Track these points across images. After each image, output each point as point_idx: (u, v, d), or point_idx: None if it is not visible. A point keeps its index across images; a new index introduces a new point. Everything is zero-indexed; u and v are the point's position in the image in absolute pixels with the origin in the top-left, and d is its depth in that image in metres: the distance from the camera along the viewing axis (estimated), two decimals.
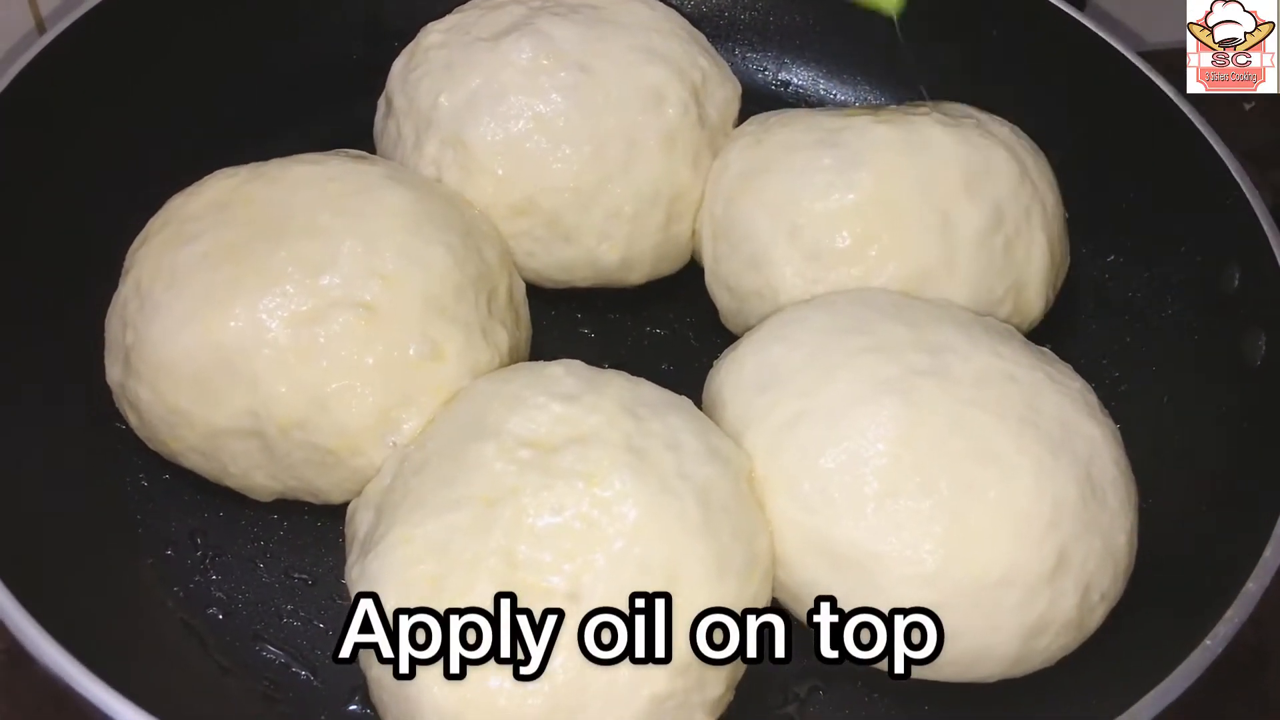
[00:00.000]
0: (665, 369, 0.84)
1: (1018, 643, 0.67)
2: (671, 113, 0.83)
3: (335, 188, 0.76)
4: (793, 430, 0.70)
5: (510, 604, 0.61)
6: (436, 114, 0.83)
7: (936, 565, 0.66)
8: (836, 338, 0.73)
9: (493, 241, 0.80)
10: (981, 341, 0.73)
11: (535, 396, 0.69)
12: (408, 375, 0.71)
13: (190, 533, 0.75)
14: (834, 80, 1.04)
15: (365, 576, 0.64)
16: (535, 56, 0.82)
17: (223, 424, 0.71)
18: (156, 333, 0.72)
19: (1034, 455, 0.68)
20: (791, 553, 0.69)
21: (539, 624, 0.61)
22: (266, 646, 0.71)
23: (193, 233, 0.74)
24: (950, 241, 0.78)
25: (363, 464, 0.71)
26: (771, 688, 0.71)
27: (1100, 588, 0.68)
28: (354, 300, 0.71)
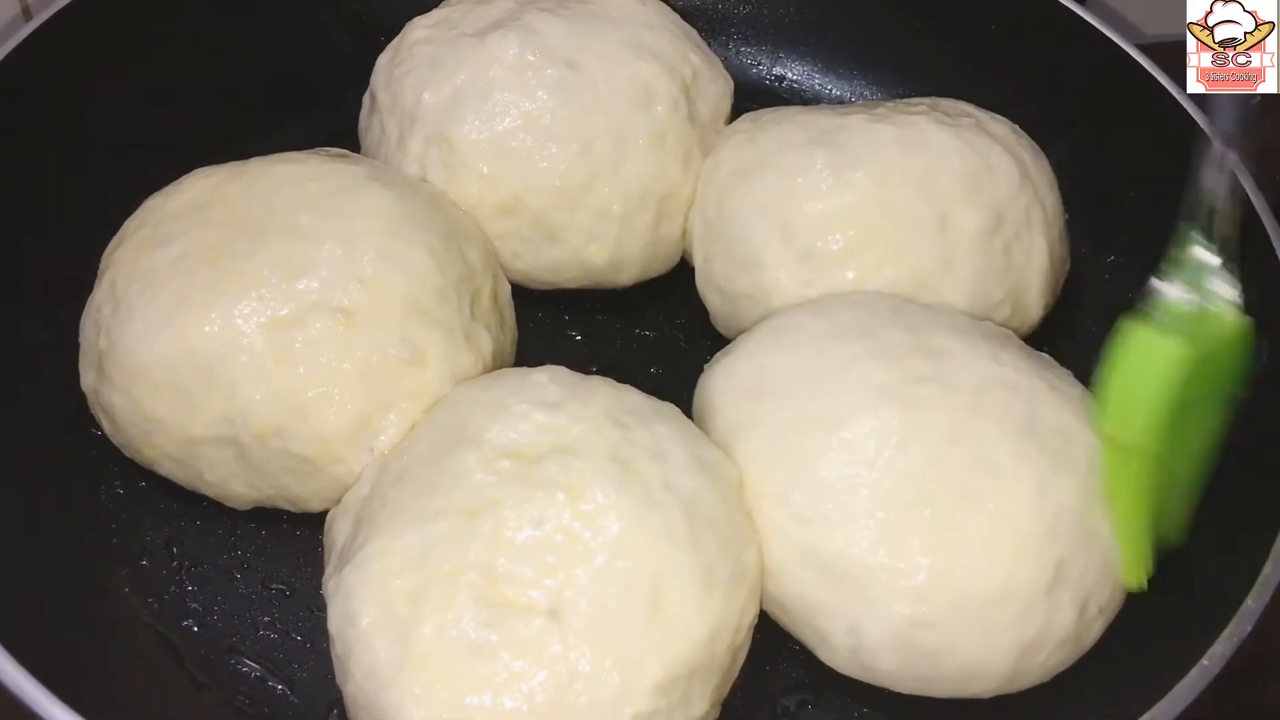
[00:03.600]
0: (654, 372, 0.83)
1: (1013, 658, 0.65)
2: (661, 110, 0.82)
3: (315, 188, 0.74)
4: (786, 438, 0.69)
5: (488, 620, 0.60)
6: (421, 111, 0.81)
7: (931, 578, 0.64)
8: (832, 343, 0.72)
9: (477, 242, 0.79)
10: (981, 347, 0.71)
11: (518, 404, 0.67)
12: (388, 381, 0.70)
13: (166, 542, 0.74)
14: (830, 75, 1.03)
15: (343, 589, 0.63)
16: (522, 52, 0.81)
17: (198, 431, 0.70)
18: (131, 338, 0.70)
19: (1033, 465, 0.66)
20: (781, 564, 0.67)
21: (519, 640, 0.59)
22: (243, 660, 0.70)
23: (169, 234, 0.73)
24: (948, 244, 0.77)
25: (341, 472, 0.70)
26: (760, 702, 0.69)
27: (1099, 602, 0.67)
28: (333, 304, 0.70)
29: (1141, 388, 0.63)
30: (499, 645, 0.60)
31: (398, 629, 0.60)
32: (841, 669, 0.68)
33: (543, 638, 0.60)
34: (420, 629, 0.60)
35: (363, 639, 0.61)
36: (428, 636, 0.60)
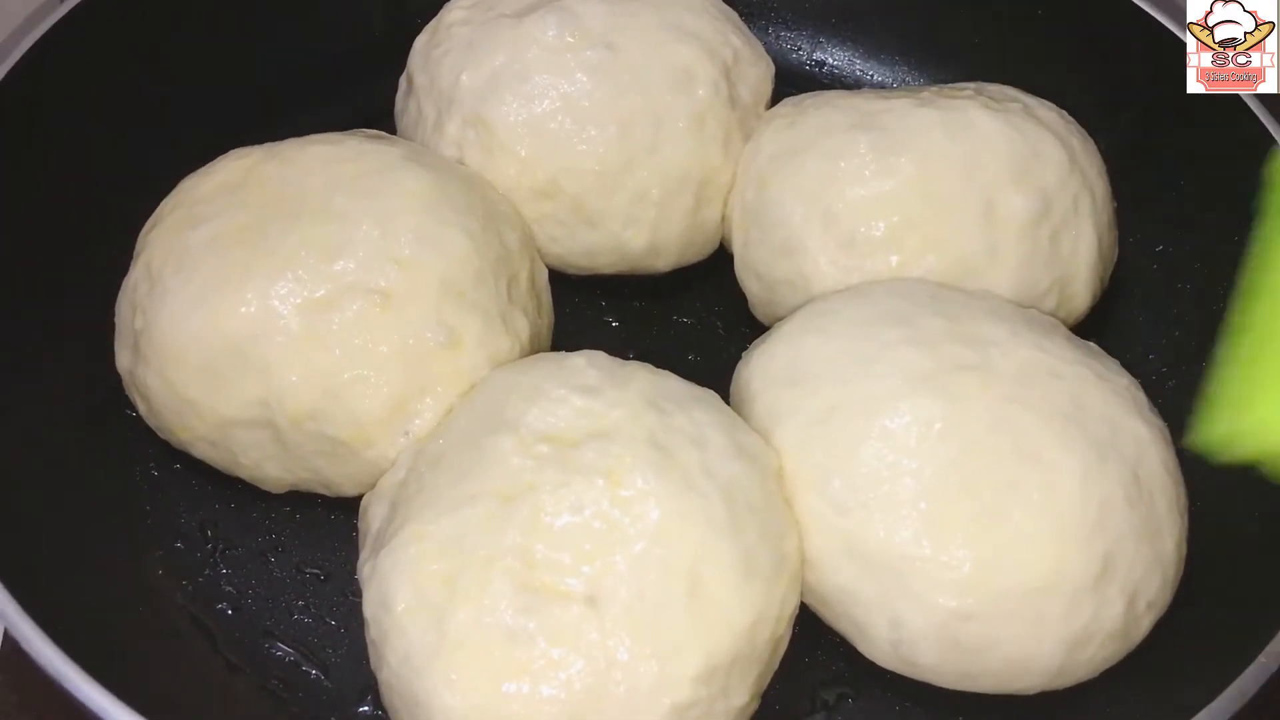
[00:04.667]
0: (692, 359, 0.83)
1: (1061, 654, 0.64)
2: (701, 93, 0.81)
3: (351, 169, 0.74)
4: (825, 426, 0.68)
5: (525, 606, 0.59)
6: (458, 93, 0.81)
7: (974, 570, 0.63)
8: (872, 329, 0.71)
9: (514, 225, 0.78)
10: (1024, 335, 0.70)
11: (555, 389, 0.67)
12: (424, 364, 0.69)
13: (200, 524, 0.74)
14: (871, 60, 1.01)
15: (378, 574, 0.62)
16: (560, 34, 0.80)
17: (233, 414, 0.69)
18: (166, 318, 0.70)
19: (1079, 455, 0.65)
20: (821, 554, 0.66)
21: (556, 627, 0.59)
22: (277, 644, 0.70)
23: (204, 215, 0.73)
24: (994, 231, 0.75)
25: (376, 456, 0.70)
26: (799, 695, 0.68)
27: (1147, 596, 0.65)
28: (369, 286, 0.69)
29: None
30: (536, 632, 0.59)
31: (433, 614, 0.60)
32: (882, 662, 0.67)
33: (580, 625, 0.59)
34: (456, 615, 0.59)
35: (398, 624, 0.60)
36: (464, 622, 0.59)
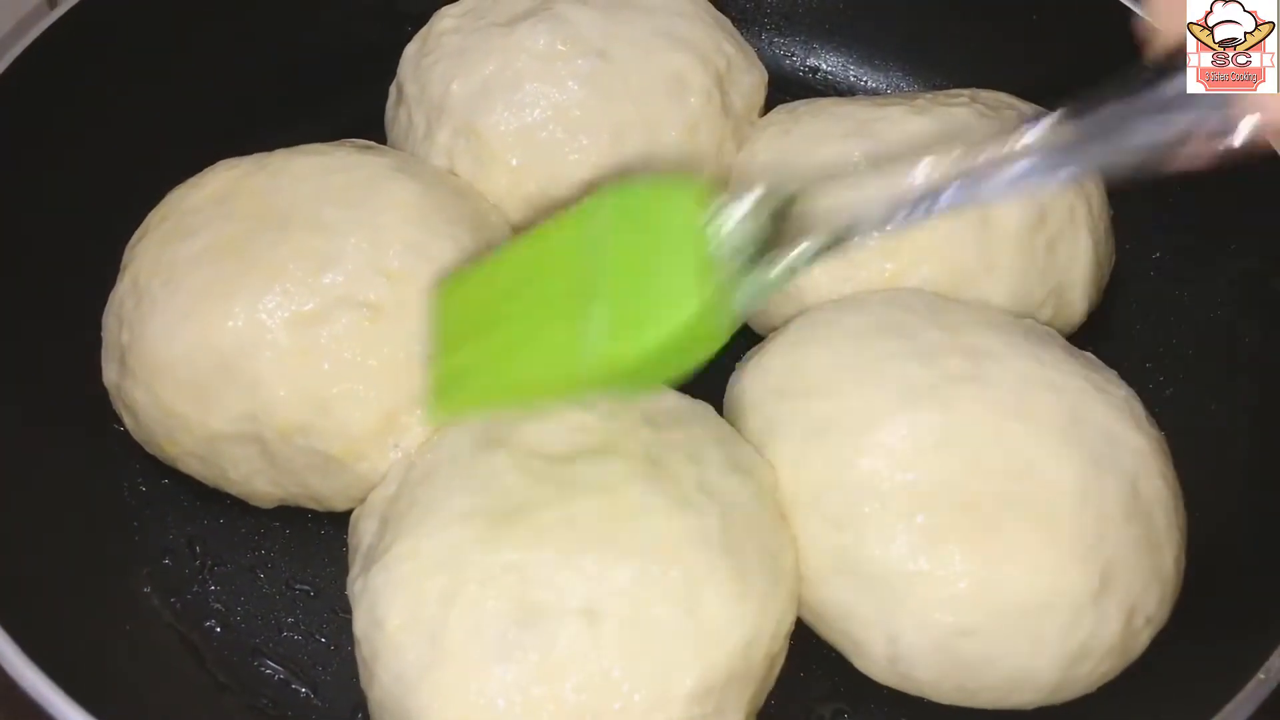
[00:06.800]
0: None
1: (1059, 669, 0.63)
2: (694, 101, 0.80)
3: (341, 180, 0.73)
4: (820, 439, 0.67)
5: (520, 623, 0.58)
6: (449, 102, 0.80)
7: (972, 586, 0.63)
8: (867, 341, 0.70)
9: (506, 236, 0.77)
10: (1022, 347, 0.69)
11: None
12: (414, 378, 0.68)
13: (189, 540, 0.73)
14: (865, 66, 1.01)
15: (369, 591, 0.62)
16: (552, 42, 0.80)
17: (221, 428, 0.69)
18: (153, 332, 0.69)
19: (1077, 469, 0.65)
20: (816, 570, 0.66)
21: (550, 644, 0.58)
22: (265, 662, 0.69)
23: (192, 227, 0.72)
24: (989, 241, 0.75)
25: (367, 470, 0.69)
26: (795, 712, 0.68)
27: (1146, 611, 0.65)
28: (358, 299, 0.68)
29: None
30: (530, 650, 0.58)
31: (426, 632, 0.59)
32: (879, 678, 0.66)
33: (575, 643, 0.58)
34: (449, 632, 0.59)
35: (390, 642, 0.60)
36: (457, 640, 0.59)
